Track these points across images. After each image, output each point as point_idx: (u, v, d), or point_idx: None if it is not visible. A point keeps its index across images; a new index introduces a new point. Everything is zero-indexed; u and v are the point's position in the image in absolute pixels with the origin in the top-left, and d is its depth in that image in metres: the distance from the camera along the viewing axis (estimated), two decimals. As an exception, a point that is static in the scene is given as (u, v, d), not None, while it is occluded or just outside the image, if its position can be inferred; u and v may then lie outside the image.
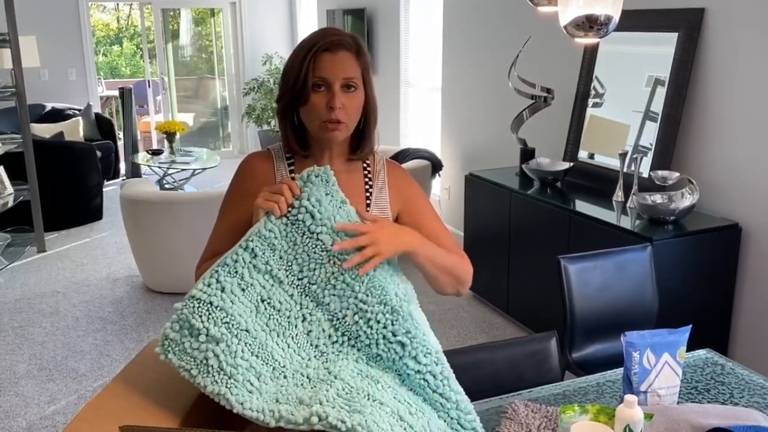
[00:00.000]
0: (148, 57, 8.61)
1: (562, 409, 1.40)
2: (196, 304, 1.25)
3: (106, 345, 3.61)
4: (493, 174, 3.88)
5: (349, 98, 1.42)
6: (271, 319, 1.29)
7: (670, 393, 1.53)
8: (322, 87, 1.40)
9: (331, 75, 1.40)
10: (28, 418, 2.94)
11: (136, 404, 1.25)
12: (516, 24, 4.21)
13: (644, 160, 3.17)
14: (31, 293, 4.31)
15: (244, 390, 1.22)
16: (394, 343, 1.30)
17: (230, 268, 1.28)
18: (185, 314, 1.25)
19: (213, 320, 1.24)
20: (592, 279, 2.41)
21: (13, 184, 4.86)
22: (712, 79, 2.99)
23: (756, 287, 2.88)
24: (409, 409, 1.27)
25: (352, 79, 1.42)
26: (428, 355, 1.32)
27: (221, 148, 8.88)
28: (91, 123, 6.91)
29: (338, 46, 1.41)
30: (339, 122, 1.41)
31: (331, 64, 1.40)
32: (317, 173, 1.35)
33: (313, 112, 1.42)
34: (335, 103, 1.39)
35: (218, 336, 1.22)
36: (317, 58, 1.39)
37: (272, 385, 1.25)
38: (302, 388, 1.25)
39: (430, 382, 1.32)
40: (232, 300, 1.26)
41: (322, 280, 1.30)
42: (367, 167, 1.56)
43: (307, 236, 1.31)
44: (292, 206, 1.32)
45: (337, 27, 6.78)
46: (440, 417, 1.32)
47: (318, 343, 1.31)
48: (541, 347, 1.86)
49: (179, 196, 4.27)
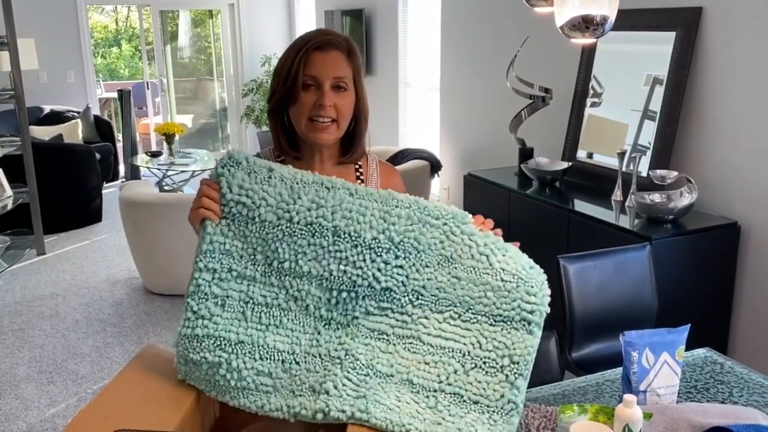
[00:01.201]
0: (147, 59, 8.61)
1: (561, 408, 1.40)
2: (186, 341, 1.27)
3: (106, 347, 3.61)
4: (492, 174, 3.88)
5: (339, 98, 1.41)
6: (263, 315, 1.28)
7: (669, 392, 1.53)
8: (313, 86, 1.40)
9: (322, 73, 1.39)
10: (28, 420, 2.94)
11: (132, 408, 1.25)
12: (514, 24, 4.22)
13: (643, 159, 3.17)
14: (30, 296, 4.31)
15: (260, 393, 1.26)
16: (394, 267, 1.28)
17: (197, 294, 1.27)
18: (181, 351, 1.28)
19: (206, 349, 1.25)
20: (591, 278, 2.41)
21: (12, 186, 4.86)
22: (710, 77, 2.99)
23: (755, 285, 2.88)
24: (425, 358, 1.26)
25: (343, 79, 1.41)
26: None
27: (220, 149, 8.88)
28: (90, 125, 6.91)
29: (330, 46, 1.41)
30: (328, 122, 1.41)
31: (322, 62, 1.39)
32: (223, 163, 1.30)
33: (301, 110, 1.41)
34: (325, 101, 1.39)
35: (217, 361, 1.25)
36: (308, 57, 1.39)
37: (286, 377, 1.27)
38: (314, 373, 1.26)
39: (457, 234, 1.28)
40: (215, 322, 1.26)
41: (289, 253, 1.27)
42: (359, 169, 1.56)
43: (251, 223, 1.27)
44: (222, 204, 1.27)
45: (336, 28, 6.75)
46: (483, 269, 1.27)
47: (320, 313, 1.30)
48: (540, 347, 1.86)
49: (178, 197, 4.27)
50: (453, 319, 1.28)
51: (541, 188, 3.54)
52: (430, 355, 1.28)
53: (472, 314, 1.28)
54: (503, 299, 1.26)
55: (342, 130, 1.46)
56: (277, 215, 1.26)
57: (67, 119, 6.90)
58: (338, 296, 1.29)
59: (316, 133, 1.42)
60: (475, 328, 1.27)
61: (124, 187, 4.36)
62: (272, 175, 1.30)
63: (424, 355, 1.28)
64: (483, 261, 1.28)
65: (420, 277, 1.30)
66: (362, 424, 1.20)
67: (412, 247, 1.29)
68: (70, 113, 7.04)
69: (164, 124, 6.38)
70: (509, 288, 1.26)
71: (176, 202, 4.13)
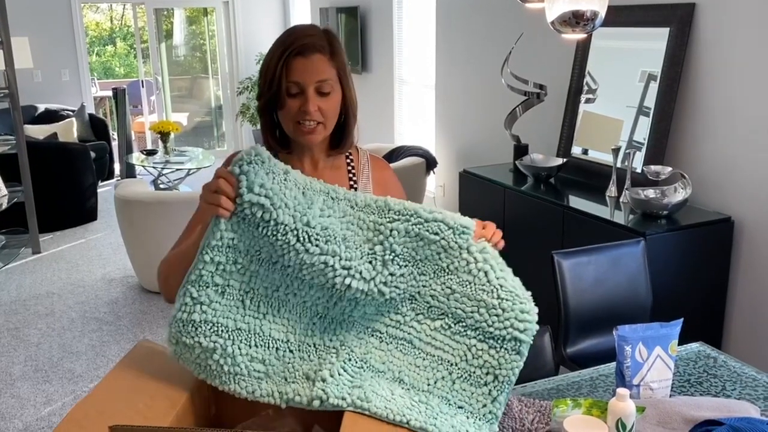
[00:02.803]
0: (142, 57, 8.59)
1: (554, 403, 1.40)
2: (180, 324, 1.26)
3: (101, 345, 3.61)
4: (487, 171, 3.89)
5: (324, 101, 1.41)
6: (261, 304, 1.29)
7: (662, 386, 1.54)
8: (297, 91, 1.40)
9: (304, 79, 1.39)
10: (24, 419, 2.94)
11: (126, 404, 1.25)
12: (508, 21, 4.22)
13: (637, 155, 3.18)
14: (26, 294, 4.31)
15: (252, 379, 1.27)
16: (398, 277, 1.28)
17: (198, 283, 1.26)
18: (174, 333, 1.27)
19: (202, 334, 1.25)
20: (585, 274, 2.42)
21: (7, 185, 4.85)
22: (704, 73, 3.00)
23: (748, 280, 2.89)
24: (416, 361, 1.29)
25: (326, 82, 1.40)
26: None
27: (216, 147, 8.87)
28: (84, 124, 6.90)
29: (311, 50, 1.39)
30: (314, 125, 1.41)
31: (303, 68, 1.38)
32: (249, 159, 1.26)
33: (288, 115, 1.42)
34: (309, 107, 1.39)
35: (211, 347, 1.25)
36: (290, 63, 1.38)
37: (279, 364, 1.28)
38: (308, 361, 1.28)
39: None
40: (214, 308, 1.26)
41: (295, 262, 1.26)
42: (351, 163, 1.57)
43: (263, 226, 1.24)
44: (237, 201, 1.24)
45: (331, 25, 6.69)
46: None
47: (317, 309, 1.31)
48: (534, 342, 1.87)
49: (174, 196, 4.27)
50: (444, 329, 1.30)
51: (536, 184, 3.54)
52: (421, 359, 1.30)
53: (462, 327, 1.29)
54: (496, 317, 1.27)
55: (329, 130, 1.46)
56: (294, 218, 1.25)
57: (62, 118, 6.89)
58: (338, 302, 1.30)
59: (304, 135, 1.43)
60: (464, 342, 1.29)
61: (120, 185, 4.35)
62: (287, 178, 1.29)
63: (415, 358, 1.30)
64: (481, 277, 1.29)
65: (416, 284, 1.31)
66: (362, 412, 1.21)
67: (411, 257, 1.30)
68: (64, 112, 7.03)
69: (159, 123, 6.37)
70: (504, 306, 1.27)
71: (172, 200, 4.12)
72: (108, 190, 6.69)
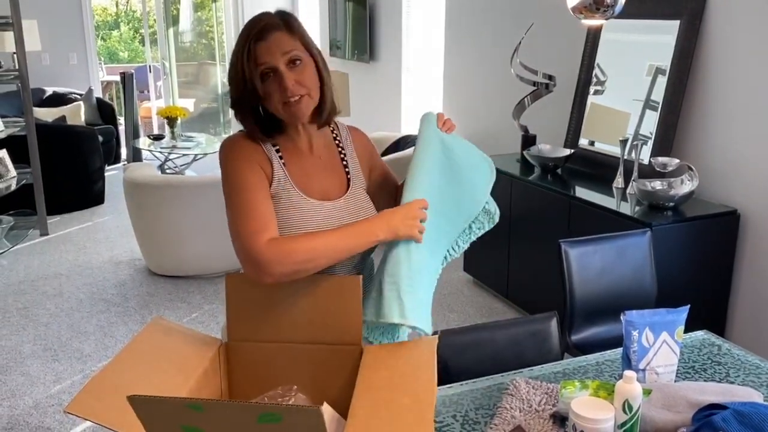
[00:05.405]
0: (149, 42, 8.59)
1: (562, 384, 1.43)
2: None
3: (109, 326, 3.65)
4: (494, 160, 3.85)
5: (298, 73, 1.43)
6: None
7: (667, 371, 1.57)
8: (270, 74, 1.42)
9: (272, 59, 1.41)
10: (34, 396, 2.99)
11: (141, 377, 1.28)
12: (518, 11, 4.22)
13: (644, 147, 3.20)
14: (34, 275, 4.35)
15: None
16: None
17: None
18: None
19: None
20: (592, 263, 2.45)
21: (15, 167, 4.87)
22: (713, 67, 3.01)
23: (753, 272, 2.92)
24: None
25: (292, 53, 1.43)
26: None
27: (222, 133, 8.88)
28: (92, 107, 6.92)
29: (267, 31, 1.42)
30: (299, 98, 1.44)
31: (267, 49, 1.41)
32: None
33: (272, 101, 1.45)
34: (286, 83, 1.41)
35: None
36: (253, 51, 1.41)
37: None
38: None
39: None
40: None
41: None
42: (337, 137, 1.63)
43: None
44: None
45: (339, 14, 6.68)
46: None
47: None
48: (541, 327, 1.90)
49: (182, 179, 4.29)
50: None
51: (543, 175, 3.56)
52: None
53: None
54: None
55: (316, 98, 1.48)
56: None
57: (70, 101, 6.90)
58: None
59: (293, 111, 1.45)
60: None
61: (128, 168, 4.38)
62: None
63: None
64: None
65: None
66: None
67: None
68: (72, 95, 7.05)
69: (167, 107, 6.38)
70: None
71: (180, 183, 4.15)
72: (115, 174, 6.71)
